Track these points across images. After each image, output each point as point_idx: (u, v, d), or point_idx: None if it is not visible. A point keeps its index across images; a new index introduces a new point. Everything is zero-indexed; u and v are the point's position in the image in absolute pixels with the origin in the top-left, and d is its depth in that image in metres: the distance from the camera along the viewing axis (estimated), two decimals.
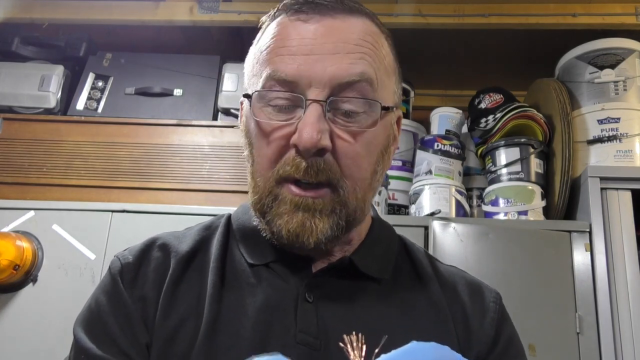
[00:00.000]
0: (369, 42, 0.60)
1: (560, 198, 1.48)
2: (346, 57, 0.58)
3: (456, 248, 1.36)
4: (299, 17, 0.60)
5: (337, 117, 0.58)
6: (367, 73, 0.58)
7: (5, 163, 1.62)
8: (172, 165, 1.60)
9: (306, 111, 0.57)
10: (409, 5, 1.72)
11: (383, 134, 0.62)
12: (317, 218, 0.58)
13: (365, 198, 0.62)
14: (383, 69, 0.62)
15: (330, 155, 0.58)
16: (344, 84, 0.57)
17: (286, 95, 0.58)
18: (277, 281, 0.63)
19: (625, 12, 1.68)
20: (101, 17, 1.82)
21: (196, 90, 1.74)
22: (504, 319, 0.68)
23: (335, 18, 0.59)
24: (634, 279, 1.33)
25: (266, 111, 0.59)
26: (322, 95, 0.57)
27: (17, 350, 1.35)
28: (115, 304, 0.62)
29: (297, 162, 0.57)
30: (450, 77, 2.08)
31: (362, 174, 0.60)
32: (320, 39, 0.58)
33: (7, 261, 1.33)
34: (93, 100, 1.73)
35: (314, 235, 0.58)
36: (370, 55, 0.60)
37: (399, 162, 1.76)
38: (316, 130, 0.55)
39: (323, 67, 0.57)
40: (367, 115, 0.59)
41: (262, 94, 0.59)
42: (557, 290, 1.33)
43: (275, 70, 0.58)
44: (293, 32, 0.59)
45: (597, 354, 1.27)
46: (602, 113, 1.54)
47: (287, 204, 0.58)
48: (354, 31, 0.60)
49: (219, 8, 1.78)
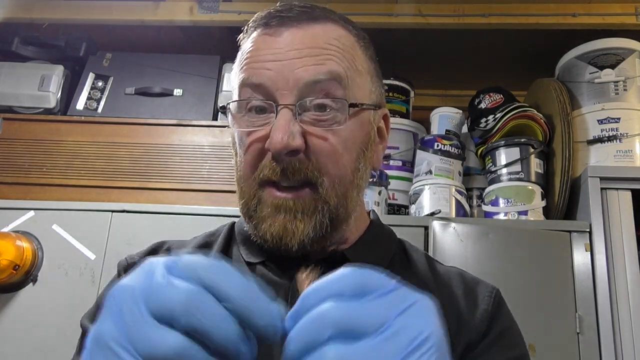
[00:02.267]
0: (334, 45, 0.62)
1: (560, 198, 1.48)
2: (312, 60, 0.60)
3: (456, 248, 1.36)
4: (267, 32, 0.63)
5: (308, 118, 0.60)
6: (334, 72, 0.60)
7: (5, 163, 1.62)
8: (172, 165, 1.60)
9: (277, 116, 0.59)
10: (409, 5, 1.72)
11: (360, 131, 0.64)
12: (298, 220, 0.59)
13: (347, 195, 0.63)
14: (354, 68, 0.63)
15: (305, 155, 0.59)
16: (311, 83, 0.59)
17: (260, 98, 0.61)
18: (271, 276, 0.65)
19: (625, 12, 1.68)
20: (101, 17, 1.81)
21: (196, 90, 1.74)
22: (500, 312, 0.67)
23: (300, 27, 0.62)
24: (634, 279, 1.33)
25: (244, 119, 0.62)
26: (291, 99, 0.59)
27: (17, 350, 1.35)
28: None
29: (273, 165, 0.59)
30: (450, 77, 2.08)
31: (341, 171, 0.61)
32: (287, 47, 0.61)
33: (7, 261, 1.33)
34: (93, 100, 1.73)
35: (297, 237, 0.59)
36: (338, 56, 0.62)
37: (399, 162, 1.76)
38: (286, 133, 0.57)
39: (290, 70, 0.60)
40: (337, 112, 0.60)
41: (239, 103, 0.63)
42: (557, 290, 1.33)
43: (247, 77, 0.62)
44: (262, 45, 0.63)
45: (597, 354, 1.27)
46: (602, 113, 1.54)
47: (269, 207, 0.60)
48: (320, 36, 0.62)
49: (219, 8, 1.78)
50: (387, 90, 1.85)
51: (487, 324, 0.64)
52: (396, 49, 1.89)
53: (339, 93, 0.61)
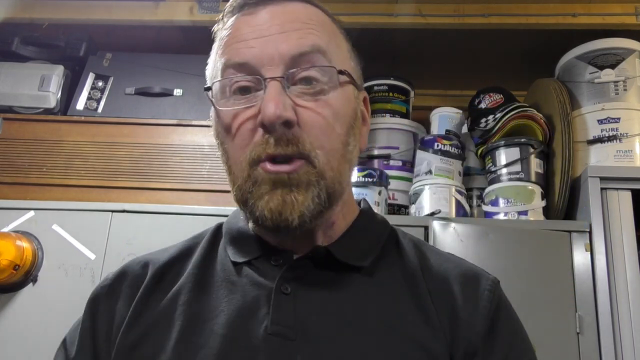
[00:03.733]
0: (314, 21, 0.63)
1: (560, 198, 1.48)
2: (295, 34, 0.61)
3: (456, 248, 1.36)
4: (246, 12, 0.64)
5: (297, 90, 0.60)
6: (317, 44, 0.61)
7: (5, 163, 1.62)
8: (172, 165, 1.60)
9: (266, 90, 0.58)
10: (409, 5, 1.72)
11: (347, 104, 0.64)
12: (295, 192, 0.58)
13: (340, 169, 0.62)
14: (334, 43, 0.64)
15: (298, 127, 0.59)
16: (296, 56, 0.60)
17: (245, 78, 0.60)
18: (256, 277, 0.64)
19: (625, 12, 1.68)
20: (101, 17, 1.81)
21: (196, 90, 1.74)
22: (501, 308, 0.64)
23: (278, 4, 0.63)
24: (634, 279, 1.33)
25: (229, 102, 0.62)
26: (278, 72, 0.59)
27: (17, 350, 1.35)
28: (83, 328, 0.67)
29: (266, 138, 0.58)
30: (450, 77, 2.08)
31: (333, 144, 0.61)
32: (268, 24, 0.61)
33: (7, 261, 1.33)
34: (93, 100, 1.73)
35: (297, 209, 0.58)
36: (320, 30, 0.63)
37: (399, 162, 1.76)
38: (279, 103, 0.57)
39: (275, 46, 0.60)
40: (325, 82, 0.61)
41: (223, 82, 0.62)
42: (557, 290, 1.33)
43: (230, 58, 0.61)
44: (243, 25, 0.63)
45: (597, 354, 1.27)
46: (602, 113, 1.54)
47: (265, 184, 0.59)
48: (300, 12, 0.63)
49: (218, 8, 1.78)
50: (387, 90, 1.85)
51: (489, 323, 0.62)
52: (396, 49, 1.89)
53: (325, 63, 0.61)
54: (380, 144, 1.78)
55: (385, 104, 1.84)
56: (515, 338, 0.65)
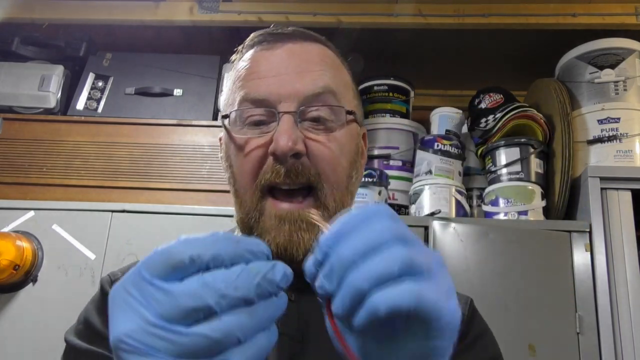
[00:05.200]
0: (327, 62, 0.68)
1: (560, 198, 1.48)
2: (309, 74, 0.65)
3: (456, 248, 1.36)
4: (264, 47, 0.68)
5: (308, 125, 0.64)
6: (329, 86, 0.65)
7: (5, 163, 1.62)
8: (172, 165, 1.60)
9: (280, 122, 0.62)
10: (409, 5, 1.72)
11: (352, 141, 0.68)
12: (303, 230, 0.61)
13: (343, 201, 0.66)
14: (343, 84, 0.69)
15: (307, 158, 0.63)
16: (310, 96, 0.64)
17: (260, 112, 0.64)
18: None
19: (625, 12, 1.68)
20: (101, 17, 1.82)
21: (196, 90, 1.74)
22: (474, 318, 0.72)
23: (295, 43, 0.68)
24: (634, 279, 1.33)
25: (242, 131, 0.65)
26: (292, 107, 0.63)
27: (17, 350, 1.35)
28: (100, 309, 0.66)
29: (276, 168, 0.62)
30: (450, 77, 2.08)
31: (339, 177, 0.65)
32: (285, 62, 0.66)
33: (7, 261, 1.33)
34: (93, 100, 1.73)
35: (302, 247, 0.61)
36: (331, 72, 0.67)
37: (399, 162, 1.76)
38: (291, 137, 0.61)
39: (290, 84, 0.64)
40: (334, 120, 0.65)
41: (239, 112, 0.65)
42: (557, 290, 1.33)
43: (248, 92, 0.65)
44: (261, 59, 0.67)
45: (597, 354, 1.27)
46: (602, 113, 1.54)
47: (273, 219, 0.62)
48: (314, 53, 0.68)
49: (219, 8, 1.78)
50: (387, 90, 1.85)
51: (463, 329, 0.66)
52: (396, 49, 1.89)
53: (335, 104, 0.65)
54: (380, 144, 1.78)
55: (385, 104, 1.84)
56: (486, 334, 0.72)
